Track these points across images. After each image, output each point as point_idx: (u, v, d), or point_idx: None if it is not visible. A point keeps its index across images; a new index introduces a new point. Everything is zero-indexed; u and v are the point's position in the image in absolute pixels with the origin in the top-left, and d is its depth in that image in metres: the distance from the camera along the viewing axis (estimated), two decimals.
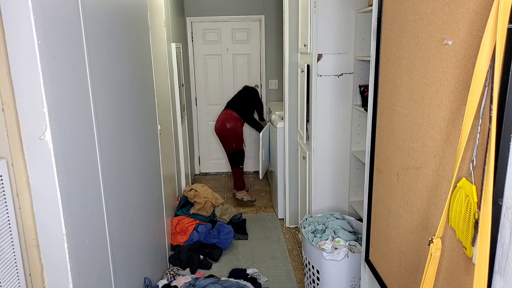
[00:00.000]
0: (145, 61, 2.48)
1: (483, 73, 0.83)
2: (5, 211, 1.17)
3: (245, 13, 5.04)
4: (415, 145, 1.19)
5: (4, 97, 1.16)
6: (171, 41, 3.71)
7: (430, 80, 1.08)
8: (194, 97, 5.23)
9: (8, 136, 1.19)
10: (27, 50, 1.12)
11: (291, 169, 3.59)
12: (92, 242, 1.49)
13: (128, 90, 2.06)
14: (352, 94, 2.76)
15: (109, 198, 1.68)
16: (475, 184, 0.89)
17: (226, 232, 3.39)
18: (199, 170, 5.46)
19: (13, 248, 1.21)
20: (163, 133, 2.99)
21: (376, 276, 1.57)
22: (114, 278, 1.72)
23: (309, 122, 2.91)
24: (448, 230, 1.01)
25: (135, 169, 2.14)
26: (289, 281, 2.91)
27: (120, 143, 1.89)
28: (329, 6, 2.61)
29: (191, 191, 3.69)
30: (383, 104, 1.44)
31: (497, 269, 0.85)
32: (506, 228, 0.82)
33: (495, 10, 0.79)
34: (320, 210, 2.92)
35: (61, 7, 1.29)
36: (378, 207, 1.53)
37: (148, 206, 2.45)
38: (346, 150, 2.86)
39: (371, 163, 1.58)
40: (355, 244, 2.28)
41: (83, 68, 1.45)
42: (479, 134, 0.87)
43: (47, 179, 1.21)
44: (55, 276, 1.29)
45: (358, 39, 2.67)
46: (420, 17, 1.13)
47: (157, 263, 2.68)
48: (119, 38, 1.93)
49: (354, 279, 2.27)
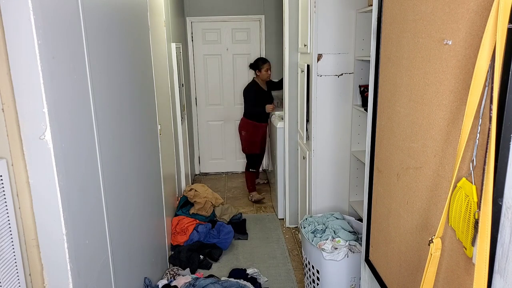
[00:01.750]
0: (145, 61, 2.48)
1: (483, 73, 0.83)
2: (5, 211, 1.17)
3: (245, 13, 5.04)
4: (415, 145, 1.19)
5: (4, 97, 1.16)
6: (171, 41, 3.71)
7: (430, 80, 1.08)
8: (194, 97, 5.23)
9: (8, 136, 1.19)
10: (27, 50, 1.12)
11: (291, 169, 3.59)
12: (92, 242, 1.49)
13: (128, 90, 2.06)
14: (352, 94, 2.76)
15: (109, 198, 1.68)
16: (475, 184, 0.89)
17: (226, 232, 3.39)
18: (199, 170, 5.46)
19: (13, 248, 1.21)
20: (163, 133, 2.99)
21: (376, 276, 1.57)
22: (114, 278, 1.72)
23: (309, 122, 2.91)
24: (448, 230, 1.01)
25: (135, 169, 2.14)
26: (289, 281, 2.91)
27: (120, 143, 1.89)
28: (329, 6, 2.61)
29: (191, 191, 3.69)
30: (383, 104, 1.44)
31: (497, 269, 0.85)
32: (506, 228, 0.82)
33: (495, 10, 0.79)
34: (320, 210, 2.92)
35: (61, 7, 1.29)
36: (378, 207, 1.53)
37: (148, 206, 2.45)
38: (346, 150, 2.86)
39: (371, 163, 1.58)
40: (355, 244, 2.28)
41: (83, 68, 1.45)
42: (479, 134, 0.87)
43: (47, 179, 1.21)
44: (55, 276, 1.29)
45: (358, 39, 2.67)
46: (420, 17, 1.13)
47: (157, 263, 2.68)
48: (119, 38, 1.93)
49: (354, 279, 2.27)
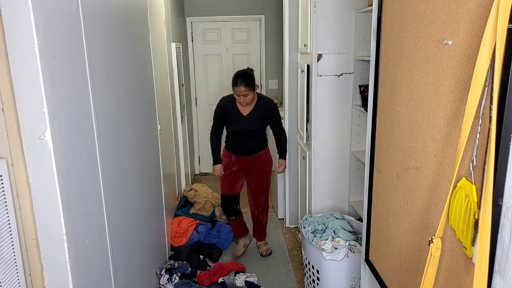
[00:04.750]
0: (145, 61, 2.48)
1: (483, 73, 0.83)
2: (5, 211, 1.17)
3: (245, 13, 5.03)
4: (415, 145, 1.19)
5: (4, 97, 1.16)
6: (171, 41, 3.71)
7: (430, 80, 1.08)
8: (194, 97, 5.23)
9: (8, 136, 1.18)
10: (27, 50, 1.12)
11: (291, 169, 3.59)
12: (92, 242, 1.49)
13: (128, 90, 2.06)
14: (352, 94, 2.76)
15: (109, 198, 1.68)
16: (475, 184, 0.89)
17: (226, 232, 3.39)
18: (199, 170, 5.46)
19: (13, 248, 1.21)
20: (163, 133, 2.99)
21: (376, 276, 1.57)
22: (114, 278, 1.72)
23: (309, 122, 2.91)
24: (448, 230, 1.01)
25: (135, 169, 2.14)
26: (289, 281, 2.91)
27: (120, 143, 1.89)
28: (329, 6, 2.61)
29: (191, 191, 3.69)
30: (383, 104, 1.44)
31: (497, 269, 0.85)
32: (506, 228, 0.82)
33: (495, 10, 0.79)
34: (320, 210, 2.92)
35: (61, 7, 1.29)
36: (378, 207, 1.53)
37: (148, 206, 2.45)
38: (346, 150, 2.86)
39: (371, 163, 1.58)
40: (355, 244, 2.28)
41: (83, 68, 1.45)
42: (479, 134, 0.87)
43: (47, 179, 1.21)
44: (55, 276, 1.29)
45: (358, 39, 2.67)
46: (420, 17, 1.13)
47: (157, 263, 2.68)
48: (119, 38, 1.93)
49: (354, 279, 2.27)
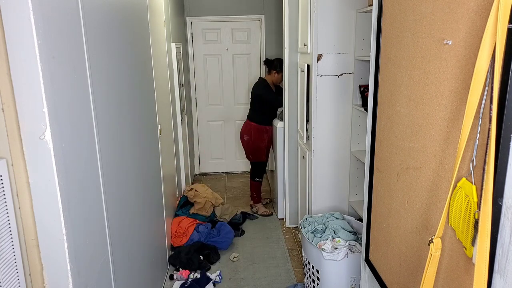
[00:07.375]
0: (145, 61, 2.48)
1: (483, 73, 0.83)
2: (5, 211, 1.17)
3: (245, 13, 5.04)
4: (415, 145, 1.19)
5: (4, 97, 1.16)
6: (171, 41, 3.71)
7: (430, 80, 1.08)
8: (194, 97, 5.23)
9: (8, 136, 1.18)
10: (27, 50, 1.12)
11: (291, 169, 3.59)
12: (92, 242, 1.49)
13: (128, 90, 2.06)
14: (352, 94, 2.76)
15: (109, 198, 1.68)
16: (475, 184, 0.89)
17: (226, 232, 3.39)
18: (199, 170, 5.46)
19: (13, 248, 1.21)
20: (163, 133, 2.99)
21: (376, 276, 1.57)
22: (114, 278, 1.72)
23: (309, 122, 2.91)
24: (448, 230, 1.01)
25: (135, 169, 2.14)
26: (289, 281, 2.91)
27: (120, 143, 1.89)
28: (329, 6, 2.61)
29: (191, 191, 3.69)
30: (383, 104, 1.44)
31: (497, 269, 0.85)
32: (506, 228, 0.82)
33: (495, 10, 0.79)
34: (320, 210, 2.92)
35: (61, 7, 1.29)
36: (378, 207, 1.53)
37: (148, 206, 2.45)
38: (346, 150, 2.86)
39: (371, 163, 1.58)
40: (355, 244, 2.28)
41: (83, 68, 1.45)
42: (479, 134, 0.87)
43: (47, 179, 1.21)
44: (55, 276, 1.29)
45: (358, 39, 2.67)
46: (420, 17, 1.13)
47: (157, 263, 2.68)
48: (119, 38, 1.93)
49: (354, 279, 2.27)
